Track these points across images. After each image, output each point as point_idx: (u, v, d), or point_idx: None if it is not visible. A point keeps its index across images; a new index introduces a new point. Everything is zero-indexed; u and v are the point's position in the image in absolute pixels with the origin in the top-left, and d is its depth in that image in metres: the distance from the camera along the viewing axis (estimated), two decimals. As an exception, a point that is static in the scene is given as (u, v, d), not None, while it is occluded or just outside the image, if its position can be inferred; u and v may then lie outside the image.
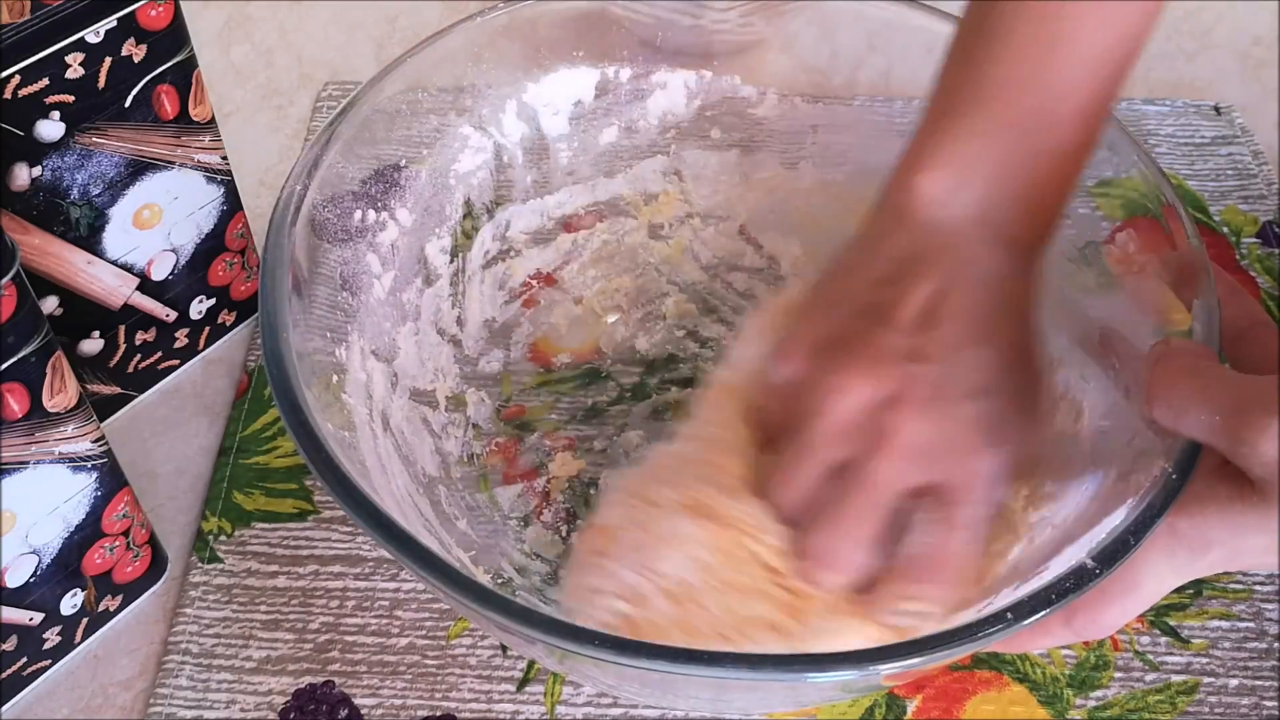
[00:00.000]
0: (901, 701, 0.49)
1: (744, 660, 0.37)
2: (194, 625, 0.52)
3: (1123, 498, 0.41)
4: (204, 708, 0.49)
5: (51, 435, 0.44)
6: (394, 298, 0.54)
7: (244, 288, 0.61)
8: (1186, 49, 0.78)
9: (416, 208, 0.55)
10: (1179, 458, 0.40)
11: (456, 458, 0.54)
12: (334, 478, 0.40)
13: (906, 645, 0.37)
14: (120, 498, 0.48)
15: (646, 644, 0.37)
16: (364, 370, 0.50)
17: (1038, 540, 0.45)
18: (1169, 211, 0.48)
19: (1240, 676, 0.50)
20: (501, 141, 0.58)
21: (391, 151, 0.54)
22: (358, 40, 0.78)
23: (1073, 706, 0.49)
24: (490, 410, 0.56)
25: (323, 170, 0.50)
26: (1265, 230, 0.66)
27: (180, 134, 0.53)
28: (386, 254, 0.54)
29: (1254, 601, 0.52)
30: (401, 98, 0.54)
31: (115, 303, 0.55)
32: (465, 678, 0.50)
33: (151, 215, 0.54)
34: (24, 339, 0.41)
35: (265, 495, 0.56)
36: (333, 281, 0.50)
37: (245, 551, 0.54)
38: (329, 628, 0.51)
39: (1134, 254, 0.49)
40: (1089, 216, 0.52)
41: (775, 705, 0.48)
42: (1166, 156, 0.70)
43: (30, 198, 0.49)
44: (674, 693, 0.45)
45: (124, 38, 0.48)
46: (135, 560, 0.51)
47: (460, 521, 0.51)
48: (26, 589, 0.46)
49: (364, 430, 0.48)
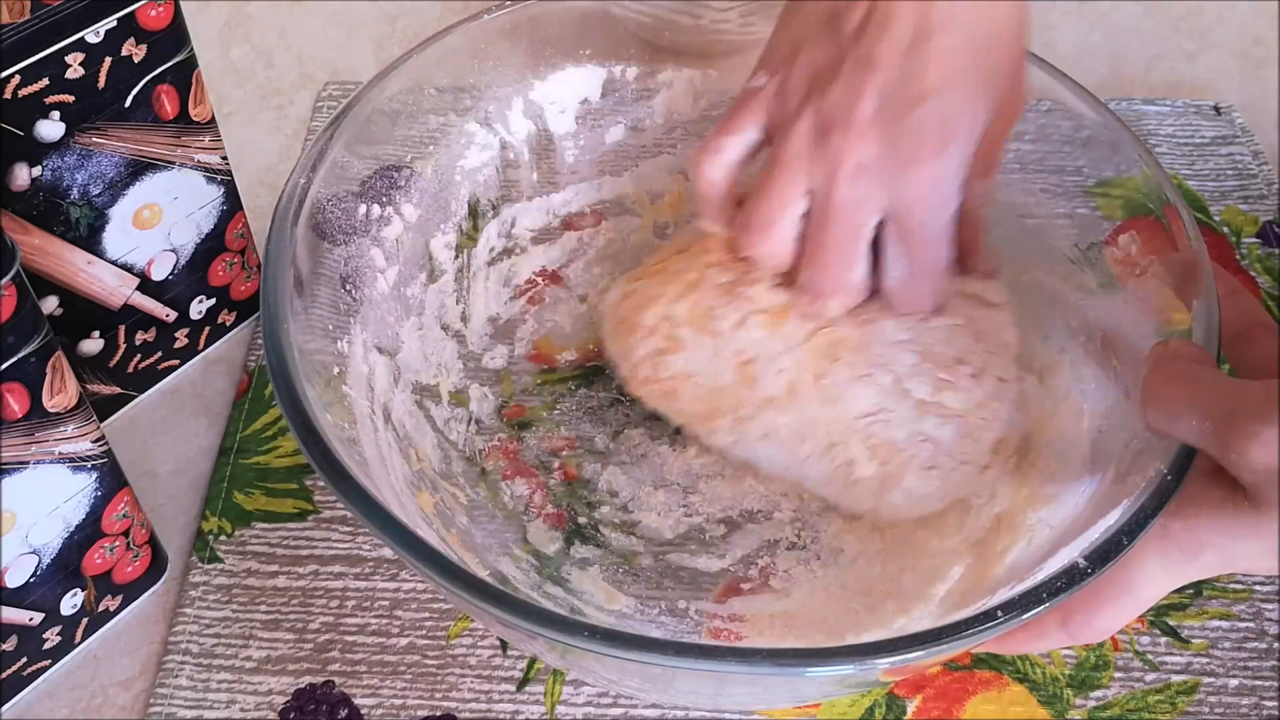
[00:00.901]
0: (901, 701, 0.49)
1: (740, 654, 0.37)
2: (194, 625, 0.52)
3: (1120, 499, 0.41)
4: (204, 708, 0.49)
5: (51, 435, 0.44)
6: (398, 292, 0.54)
7: (244, 288, 0.61)
8: (1186, 49, 0.78)
9: (422, 203, 0.55)
10: (1175, 459, 0.40)
11: (458, 453, 0.54)
12: (334, 472, 0.40)
13: (902, 639, 0.37)
14: (120, 498, 0.48)
15: (645, 638, 0.37)
16: (366, 364, 0.50)
17: (1036, 541, 0.45)
18: (1170, 211, 0.48)
19: (1240, 676, 0.50)
20: (508, 139, 0.58)
21: (395, 150, 0.54)
22: (358, 40, 0.78)
23: (1073, 706, 0.49)
24: (493, 406, 0.56)
25: (326, 166, 0.50)
26: (1265, 230, 0.66)
27: (180, 134, 0.53)
28: (391, 249, 0.54)
29: (1254, 601, 0.52)
30: (405, 96, 0.54)
31: (115, 303, 0.55)
32: (465, 678, 0.50)
33: (151, 215, 0.54)
34: (24, 339, 0.41)
35: (265, 495, 0.56)
36: (335, 276, 0.51)
37: (245, 551, 0.54)
38: (329, 628, 0.51)
39: (1135, 255, 0.49)
40: (1090, 217, 0.52)
41: (775, 701, 0.48)
42: (1166, 156, 0.70)
43: (30, 198, 0.49)
44: (674, 687, 0.45)
45: (124, 38, 0.49)
46: (135, 560, 0.51)
47: (460, 517, 0.51)
48: (26, 589, 0.46)
49: (365, 424, 0.48)
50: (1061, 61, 0.53)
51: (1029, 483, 0.49)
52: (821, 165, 0.44)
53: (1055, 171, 0.54)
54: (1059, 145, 0.53)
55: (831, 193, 0.44)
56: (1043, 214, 0.54)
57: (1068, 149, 0.53)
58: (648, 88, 0.60)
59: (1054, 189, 0.54)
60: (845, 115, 0.43)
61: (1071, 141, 0.53)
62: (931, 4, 0.42)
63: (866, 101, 0.43)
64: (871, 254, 0.46)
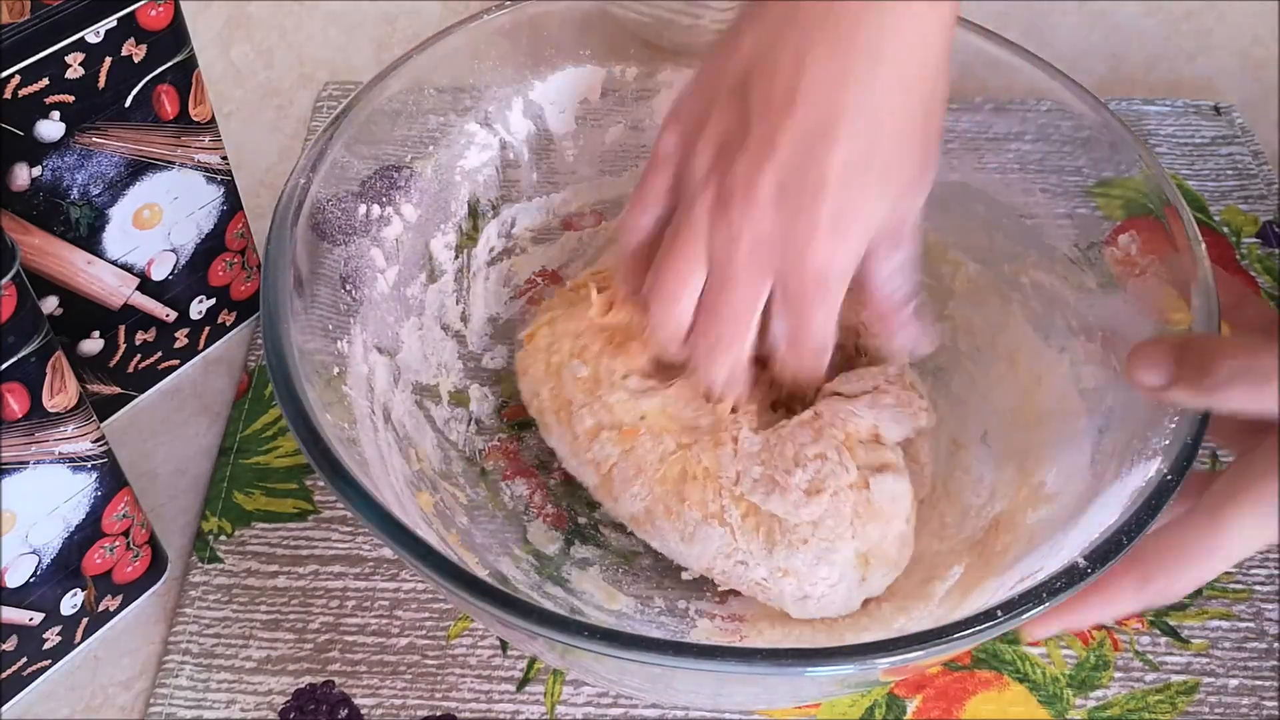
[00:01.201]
0: (901, 701, 0.49)
1: (740, 654, 0.37)
2: (194, 625, 0.52)
3: (1120, 499, 0.41)
4: (204, 708, 0.49)
5: (51, 435, 0.44)
6: (398, 292, 0.54)
7: (244, 288, 0.61)
8: (1186, 49, 0.78)
9: (422, 203, 0.55)
10: (1175, 459, 0.40)
11: (458, 453, 0.54)
12: (334, 472, 0.40)
13: (902, 639, 0.37)
14: (120, 498, 0.48)
15: (645, 638, 0.37)
16: (366, 364, 0.50)
17: (1035, 541, 0.45)
18: (1170, 211, 0.48)
19: (1240, 676, 0.50)
20: (508, 139, 0.58)
21: (395, 150, 0.54)
22: (358, 40, 0.78)
23: (1073, 706, 0.49)
24: (493, 406, 0.56)
25: (326, 166, 0.50)
26: (1265, 230, 0.66)
27: (180, 134, 0.53)
28: (391, 249, 0.54)
29: (1254, 601, 0.52)
30: (405, 96, 0.54)
31: (115, 303, 0.55)
32: (465, 678, 0.50)
33: (151, 215, 0.54)
34: (24, 339, 0.41)
35: (265, 495, 0.56)
36: (335, 276, 0.51)
37: (245, 551, 0.54)
38: (329, 628, 0.51)
39: (1135, 255, 0.49)
40: (1090, 217, 0.52)
41: (775, 701, 0.48)
42: (1166, 156, 0.70)
43: (30, 198, 0.49)
44: (674, 687, 0.45)
45: (124, 38, 0.49)
46: (135, 560, 0.51)
47: (460, 517, 0.51)
48: (26, 589, 0.46)
49: (365, 424, 0.48)
50: (1061, 61, 0.53)
51: (1029, 482, 0.49)
52: (723, 237, 0.44)
53: (1055, 171, 0.54)
54: (1059, 145, 0.53)
55: (728, 264, 0.44)
56: (1043, 214, 0.54)
57: (1068, 149, 0.53)
58: (648, 88, 0.60)
59: (1054, 189, 0.54)
60: (745, 190, 0.43)
61: (1071, 141, 0.53)
62: (844, 87, 0.42)
63: (767, 181, 0.42)
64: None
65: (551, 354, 0.50)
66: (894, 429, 0.48)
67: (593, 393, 0.48)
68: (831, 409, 0.47)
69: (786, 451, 0.46)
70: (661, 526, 0.47)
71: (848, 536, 0.45)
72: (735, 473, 0.46)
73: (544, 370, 0.50)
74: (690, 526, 0.46)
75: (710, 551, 0.46)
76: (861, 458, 0.46)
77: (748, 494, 0.46)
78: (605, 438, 0.48)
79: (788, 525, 0.45)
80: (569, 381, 0.48)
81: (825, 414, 0.47)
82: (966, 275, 0.56)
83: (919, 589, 0.48)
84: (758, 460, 0.46)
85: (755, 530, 0.46)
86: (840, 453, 0.46)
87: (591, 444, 0.48)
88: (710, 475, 0.46)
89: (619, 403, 0.48)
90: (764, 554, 0.46)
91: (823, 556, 0.45)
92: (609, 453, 0.48)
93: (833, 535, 0.45)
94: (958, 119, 0.57)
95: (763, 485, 0.45)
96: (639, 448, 0.47)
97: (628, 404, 0.48)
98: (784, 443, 0.46)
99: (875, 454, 0.47)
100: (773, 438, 0.47)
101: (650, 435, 0.47)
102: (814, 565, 0.45)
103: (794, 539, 0.45)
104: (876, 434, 0.47)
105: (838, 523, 0.45)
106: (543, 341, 0.50)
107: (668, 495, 0.47)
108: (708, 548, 0.46)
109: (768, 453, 0.46)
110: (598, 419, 0.48)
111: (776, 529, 0.45)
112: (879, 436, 0.47)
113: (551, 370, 0.50)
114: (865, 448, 0.47)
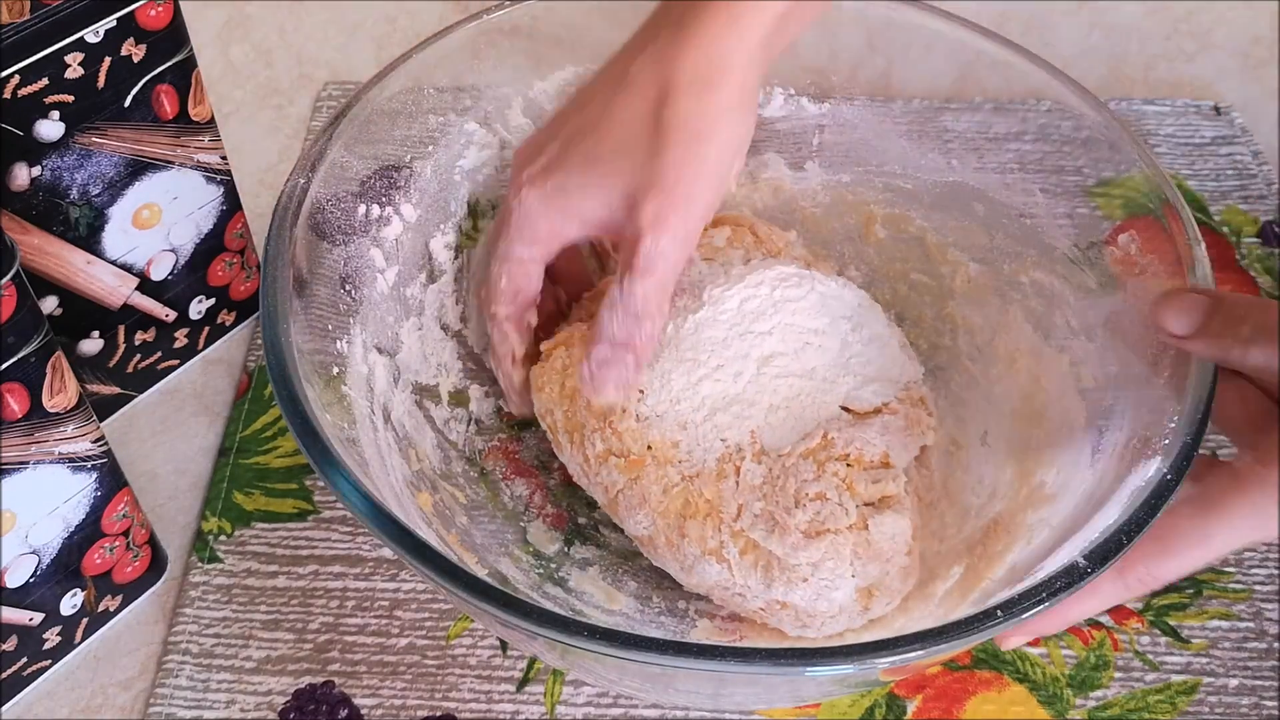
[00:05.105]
0: (901, 701, 0.49)
1: (740, 654, 0.37)
2: (194, 625, 0.51)
3: (1120, 498, 0.41)
4: (204, 708, 0.49)
5: (51, 435, 0.44)
6: (397, 292, 0.54)
7: (243, 288, 0.61)
8: (1186, 49, 0.78)
9: (421, 203, 0.55)
10: (1175, 459, 0.40)
11: (458, 453, 0.54)
12: (333, 472, 0.40)
13: (902, 639, 0.37)
14: (120, 498, 0.48)
15: (645, 638, 0.37)
16: (365, 364, 0.50)
17: (1035, 541, 0.45)
18: (1170, 211, 0.48)
19: (1240, 676, 0.50)
20: (507, 138, 0.58)
21: (394, 150, 0.54)
22: (358, 40, 0.78)
23: (1073, 706, 0.49)
24: (493, 406, 0.56)
25: (325, 166, 0.50)
26: (1265, 230, 0.66)
27: (180, 134, 0.53)
28: (390, 249, 0.54)
29: (1254, 601, 0.52)
30: (405, 96, 0.54)
31: (115, 303, 0.55)
32: (465, 678, 0.50)
33: (151, 215, 0.54)
34: (24, 339, 0.41)
35: (265, 495, 0.56)
36: (335, 276, 0.51)
37: (245, 551, 0.54)
38: (329, 628, 0.51)
39: (1135, 255, 0.49)
40: (1090, 217, 0.52)
41: (775, 700, 0.48)
42: (1166, 156, 0.70)
43: (30, 198, 0.49)
44: (674, 687, 0.45)
45: (123, 37, 0.48)
46: (135, 560, 0.51)
47: (460, 517, 0.51)
48: (26, 589, 0.46)
49: (364, 424, 0.48)
50: (1061, 61, 0.54)
51: (1029, 482, 0.49)
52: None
53: (1055, 171, 0.54)
54: (1059, 145, 0.53)
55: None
56: (1043, 214, 0.54)
57: (1068, 149, 0.53)
58: (648, 88, 0.60)
59: (1054, 189, 0.54)
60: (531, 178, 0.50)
61: (1071, 141, 0.53)
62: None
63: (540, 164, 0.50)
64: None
65: (566, 377, 0.50)
66: (903, 455, 0.49)
67: (604, 419, 0.49)
68: (844, 437, 0.48)
69: (788, 487, 0.46)
70: (663, 554, 0.48)
71: (848, 575, 0.46)
72: (737, 507, 0.47)
73: (558, 393, 0.50)
74: (690, 560, 0.47)
75: (708, 583, 0.47)
76: (864, 490, 0.47)
77: (748, 530, 0.46)
78: (613, 464, 0.48)
79: (787, 563, 0.46)
80: (582, 408, 0.49)
81: (837, 441, 0.47)
82: (966, 275, 0.56)
83: (919, 589, 0.48)
84: (759, 494, 0.47)
85: (754, 566, 0.46)
86: (840, 493, 0.46)
87: (600, 468, 0.49)
88: (712, 509, 0.47)
89: (627, 431, 0.48)
90: (762, 588, 0.46)
91: (822, 594, 0.46)
92: (615, 479, 0.48)
93: (832, 575, 0.45)
94: (958, 119, 0.57)
95: (763, 522, 0.46)
96: (644, 477, 0.48)
97: (636, 432, 0.48)
98: (786, 476, 0.47)
99: (879, 484, 0.47)
100: (776, 468, 0.47)
101: (655, 465, 0.48)
102: (814, 601, 0.46)
103: (793, 576, 0.46)
104: (887, 459, 0.48)
105: (838, 564, 0.45)
106: (558, 363, 0.51)
107: (669, 528, 0.47)
108: (705, 579, 0.47)
109: (769, 485, 0.47)
110: (608, 444, 0.48)
111: (775, 565, 0.46)
112: (889, 460, 0.48)
113: (566, 394, 0.50)
114: (871, 475, 0.47)
